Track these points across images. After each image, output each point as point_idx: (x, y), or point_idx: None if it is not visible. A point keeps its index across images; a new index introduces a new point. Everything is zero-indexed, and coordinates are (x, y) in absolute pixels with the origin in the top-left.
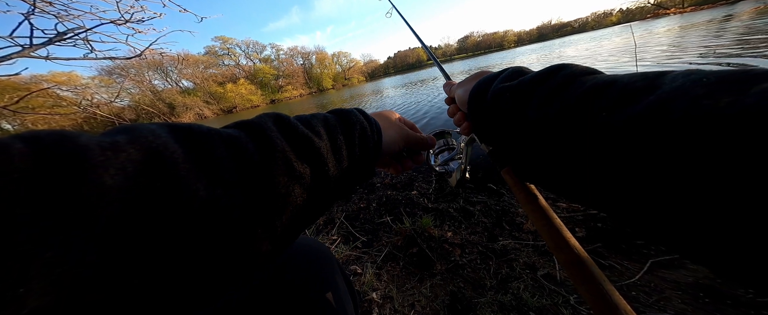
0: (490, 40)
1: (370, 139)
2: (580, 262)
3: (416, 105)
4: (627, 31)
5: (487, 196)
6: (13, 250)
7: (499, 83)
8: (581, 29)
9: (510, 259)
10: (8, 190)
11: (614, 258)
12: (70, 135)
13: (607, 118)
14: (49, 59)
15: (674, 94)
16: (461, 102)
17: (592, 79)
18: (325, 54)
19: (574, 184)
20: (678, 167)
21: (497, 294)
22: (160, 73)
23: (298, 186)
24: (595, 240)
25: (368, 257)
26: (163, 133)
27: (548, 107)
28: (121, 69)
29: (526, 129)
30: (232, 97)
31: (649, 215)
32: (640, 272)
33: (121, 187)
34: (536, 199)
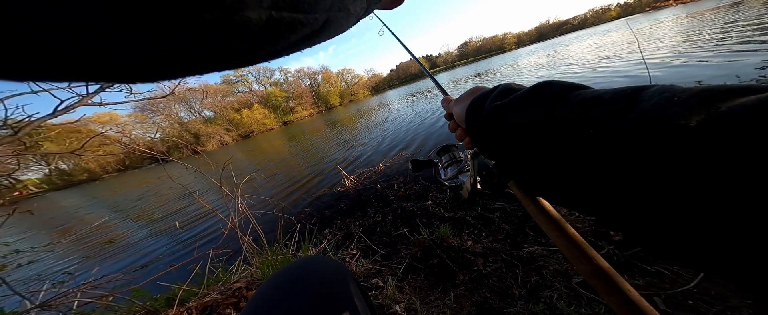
0: (489, 44)
1: None
2: (601, 272)
3: (423, 115)
4: (629, 26)
5: (506, 202)
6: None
7: (492, 101)
8: (581, 26)
9: (538, 267)
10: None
11: (661, 264)
12: None
13: (594, 134)
14: (103, 105)
15: (651, 112)
16: (459, 119)
17: (577, 96)
18: (330, 72)
19: (571, 194)
20: (654, 181)
21: (528, 304)
22: (185, 105)
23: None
24: (634, 244)
25: (388, 270)
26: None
27: (539, 123)
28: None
29: (522, 145)
30: (249, 122)
31: (635, 222)
32: (697, 279)
33: None
34: (546, 212)
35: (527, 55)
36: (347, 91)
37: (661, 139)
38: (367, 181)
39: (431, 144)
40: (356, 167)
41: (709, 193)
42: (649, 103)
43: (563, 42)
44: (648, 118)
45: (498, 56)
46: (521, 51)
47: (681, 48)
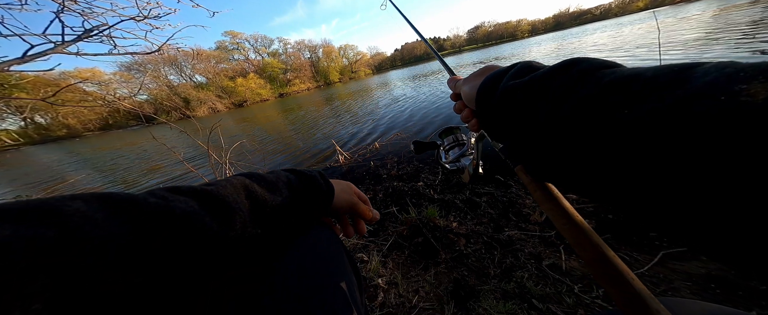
0: (502, 30)
1: (321, 196)
2: (605, 259)
3: (424, 97)
4: (653, 18)
5: (494, 188)
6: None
7: (509, 80)
8: (603, 16)
9: (515, 250)
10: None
11: (624, 249)
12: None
13: (629, 114)
14: (79, 55)
15: (707, 88)
16: (468, 99)
17: (611, 73)
18: (332, 47)
19: (593, 183)
20: (713, 169)
21: (501, 282)
22: (175, 68)
23: (265, 224)
24: (604, 231)
25: (374, 246)
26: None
27: (563, 104)
28: (139, 65)
29: (540, 128)
30: (243, 91)
31: (678, 216)
32: (650, 263)
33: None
34: (554, 199)
35: (539, 45)
36: (348, 68)
37: (722, 118)
38: (360, 158)
39: (430, 126)
40: (351, 144)
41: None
42: (705, 78)
43: (582, 32)
44: (704, 93)
45: (509, 44)
46: (534, 39)
47: (704, 44)
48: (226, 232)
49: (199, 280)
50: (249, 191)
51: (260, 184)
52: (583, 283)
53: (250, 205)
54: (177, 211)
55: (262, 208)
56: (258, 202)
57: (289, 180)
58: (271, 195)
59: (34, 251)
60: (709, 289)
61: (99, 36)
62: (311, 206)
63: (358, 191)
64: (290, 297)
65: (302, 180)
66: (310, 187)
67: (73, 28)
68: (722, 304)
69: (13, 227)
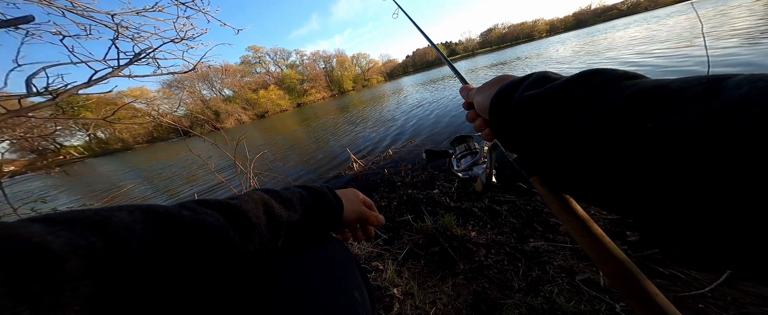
0: (517, 31)
1: (332, 212)
2: (627, 273)
3: (436, 103)
4: (691, 10)
5: (515, 196)
6: None
7: (524, 91)
8: (631, 11)
9: (542, 262)
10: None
11: (677, 266)
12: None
13: (653, 127)
14: (132, 77)
15: (740, 102)
16: (481, 109)
17: (634, 84)
18: (345, 57)
19: (615, 195)
20: (748, 182)
21: (526, 296)
22: (207, 83)
23: (281, 239)
24: (651, 245)
25: (389, 254)
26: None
27: (584, 114)
28: (178, 82)
29: (557, 139)
30: (264, 102)
31: (710, 229)
32: (714, 283)
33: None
34: (572, 210)
35: (562, 43)
36: (361, 76)
37: (758, 131)
38: (374, 165)
39: (443, 132)
40: (365, 151)
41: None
42: (736, 92)
43: (609, 28)
44: (737, 107)
45: (525, 45)
46: (554, 39)
47: (751, 39)
48: (246, 245)
49: (208, 282)
50: (267, 207)
51: (277, 200)
52: (626, 302)
53: (267, 220)
54: (206, 224)
55: (278, 223)
56: (274, 218)
57: (302, 197)
58: (286, 211)
59: (85, 258)
60: None
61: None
62: (322, 222)
63: (364, 197)
64: (294, 301)
65: (314, 197)
66: (322, 204)
67: (125, 53)
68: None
69: (68, 235)
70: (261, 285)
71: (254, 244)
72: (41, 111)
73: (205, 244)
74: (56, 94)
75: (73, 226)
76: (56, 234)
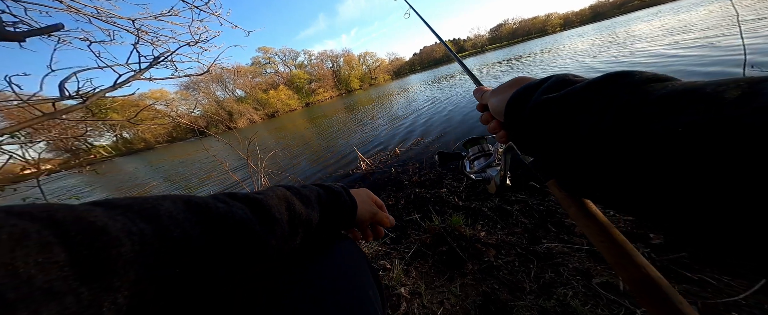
0: (528, 26)
1: (346, 211)
2: (648, 280)
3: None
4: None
5: (528, 196)
6: None
7: (542, 94)
8: (653, 2)
9: (556, 264)
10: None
11: (708, 271)
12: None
13: (684, 131)
14: (152, 80)
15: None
16: (496, 112)
17: (663, 87)
18: (352, 56)
19: (639, 200)
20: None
21: (538, 299)
22: (221, 84)
23: (299, 235)
24: (678, 248)
25: (396, 253)
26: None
27: (609, 117)
28: (194, 84)
29: (578, 143)
30: (274, 102)
31: (751, 235)
32: (749, 290)
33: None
34: (592, 215)
35: (580, 36)
36: (368, 75)
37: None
38: (382, 164)
39: (451, 131)
40: (372, 150)
41: None
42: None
43: (632, 20)
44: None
45: (537, 39)
46: (568, 33)
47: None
48: (269, 239)
49: (232, 275)
50: (289, 203)
51: (297, 197)
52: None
53: (288, 216)
54: (236, 216)
55: (298, 219)
56: (295, 214)
57: (319, 195)
58: (305, 208)
59: (136, 244)
60: None
61: (165, 62)
62: (338, 221)
63: (376, 198)
64: (306, 298)
65: (330, 196)
66: (337, 203)
67: (145, 57)
68: None
69: (123, 221)
70: (278, 281)
71: (276, 239)
72: (73, 113)
73: (234, 236)
74: (86, 98)
75: (127, 212)
76: (114, 218)
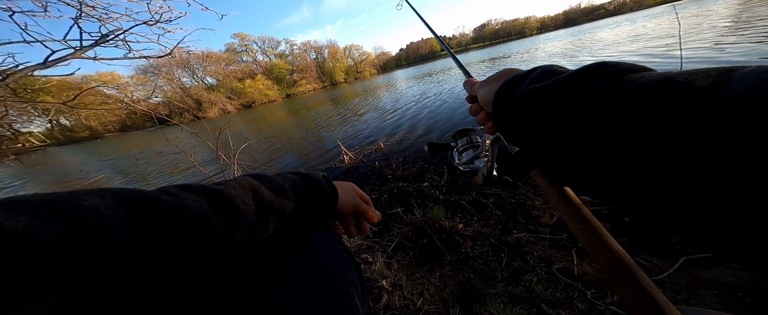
0: (509, 28)
1: (326, 199)
2: (622, 266)
3: (430, 96)
4: (672, 12)
5: (501, 189)
6: None
7: (529, 84)
8: (617, 11)
9: (523, 252)
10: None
11: (643, 254)
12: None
13: (659, 117)
14: (97, 59)
15: (746, 93)
16: (485, 102)
17: (641, 77)
18: (337, 48)
19: (616, 188)
20: (751, 171)
21: (508, 286)
22: (188, 70)
23: (271, 226)
24: (620, 235)
25: (379, 247)
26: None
27: (587, 108)
28: (154, 68)
29: (560, 132)
30: (251, 92)
31: (721, 221)
32: (671, 269)
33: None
34: (572, 203)
35: (552, 41)
36: (353, 68)
37: (760, 123)
38: (365, 158)
39: (437, 126)
40: (356, 144)
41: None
42: (742, 84)
43: (597, 27)
44: (743, 97)
45: (517, 41)
46: (543, 36)
47: (728, 39)
48: (232, 232)
49: (196, 274)
50: (256, 193)
51: (267, 185)
52: (596, 289)
53: (256, 206)
54: (189, 209)
55: (268, 210)
56: (264, 204)
57: (294, 183)
58: (277, 198)
59: (48, 245)
60: (738, 298)
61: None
62: (315, 210)
63: (361, 192)
64: (290, 295)
65: (308, 183)
66: (315, 191)
67: (90, 34)
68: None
69: (27, 220)
70: (257, 277)
71: (241, 232)
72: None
73: (187, 231)
74: (6, 75)
75: (34, 211)
76: (15, 219)
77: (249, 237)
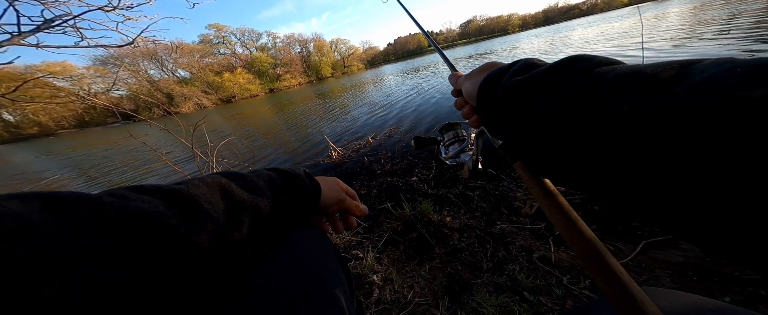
0: (493, 25)
1: (307, 195)
2: (597, 255)
3: (418, 91)
4: (637, 13)
5: (486, 181)
6: None
7: (510, 77)
8: (590, 11)
9: (507, 242)
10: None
11: (609, 240)
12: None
13: (629, 109)
14: (40, 47)
15: (706, 84)
16: (469, 95)
17: (612, 70)
18: (323, 41)
19: (591, 179)
20: (712, 160)
21: (493, 276)
22: (156, 62)
23: (245, 225)
24: (590, 222)
25: (369, 242)
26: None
27: (562, 100)
28: (115, 58)
29: (539, 123)
30: (230, 86)
31: (680, 208)
32: (633, 253)
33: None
34: (551, 194)
35: (532, 38)
36: (340, 63)
37: (719, 112)
38: (354, 153)
39: (425, 120)
40: (344, 139)
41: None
42: (703, 75)
43: (570, 26)
44: (703, 89)
45: (500, 38)
46: (525, 34)
47: (683, 38)
48: (196, 234)
49: (163, 280)
50: (225, 191)
51: (239, 183)
52: (571, 275)
53: (226, 205)
54: (137, 210)
55: (240, 208)
56: (235, 203)
57: (271, 179)
58: (250, 195)
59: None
60: (687, 276)
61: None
62: (296, 206)
63: (346, 187)
64: (273, 298)
65: (286, 179)
66: (295, 187)
67: (31, 18)
68: (697, 292)
69: None
70: (234, 279)
71: (207, 233)
72: None
73: (138, 234)
74: None
75: None
76: None
77: (218, 238)
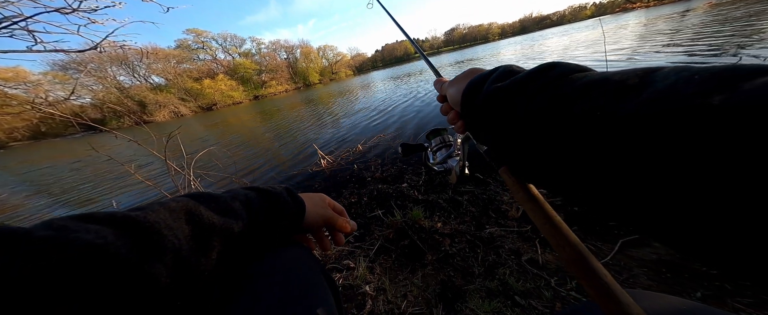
0: (475, 33)
1: (289, 214)
2: (582, 258)
3: (406, 97)
4: (599, 25)
5: (474, 186)
6: None
7: (491, 84)
8: (559, 22)
9: (496, 246)
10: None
11: (590, 240)
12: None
13: (601, 115)
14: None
15: (667, 91)
16: (454, 101)
17: (584, 77)
18: (310, 48)
19: (567, 181)
20: (673, 164)
21: (485, 281)
22: (126, 68)
23: (215, 250)
24: (571, 224)
25: (361, 251)
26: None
27: (540, 101)
28: (77, 63)
29: (517, 124)
30: (211, 93)
31: (645, 209)
32: (612, 252)
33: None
34: (535, 199)
35: (509, 47)
36: (328, 69)
37: (679, 118)
38: (343, 161)
39: (413, 126)
40: (333, 147)
41: (734, 176)
42: (664, 82)
43: (543, 36)
44: (664, 97)
45: (482, 45)
46: (504, 42)
47: (638, 48)
48: (152, 263)
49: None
50: (191, 215)
51: (210, 205)
52: (558, 276)
53: (191, 230)
54: (77, 243)
55: (208, 233)
56: (203, 227)
57: (248, 200)
58: (221, 218)
59: None
60: (662, 273)
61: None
62: (277, 225)
63: (333, 203)
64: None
65: (265, 198)
66: (275, 206)
67: None
68: (671, 287)
69: None
70: (207, 306)
71: (166, 261)
72: None
73: (78, 269)
74: None
75: None
76: None
77: (180, 266)
